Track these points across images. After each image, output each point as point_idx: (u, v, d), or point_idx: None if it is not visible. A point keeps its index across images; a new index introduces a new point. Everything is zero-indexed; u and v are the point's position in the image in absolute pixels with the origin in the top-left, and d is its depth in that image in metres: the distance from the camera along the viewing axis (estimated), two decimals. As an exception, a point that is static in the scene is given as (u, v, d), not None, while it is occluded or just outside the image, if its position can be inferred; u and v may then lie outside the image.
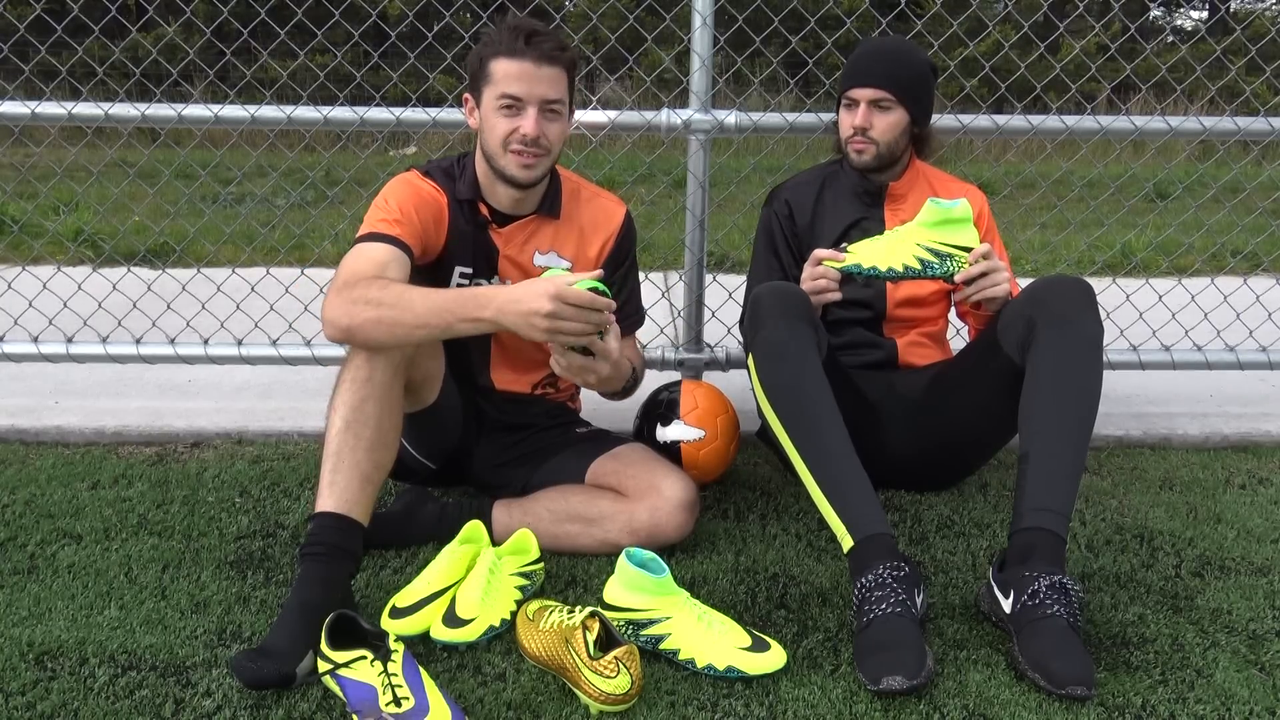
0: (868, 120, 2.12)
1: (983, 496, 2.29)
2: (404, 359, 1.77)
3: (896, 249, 1.93)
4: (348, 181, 3.21)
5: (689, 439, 2.17)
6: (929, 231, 1.95)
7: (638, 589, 1.65)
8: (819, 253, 1.97)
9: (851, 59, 2.17)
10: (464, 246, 2.01)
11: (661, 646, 1.62)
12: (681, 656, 1.60)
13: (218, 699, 1.51)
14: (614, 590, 1.68)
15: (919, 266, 1.93)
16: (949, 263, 1.93)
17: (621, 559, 1.68)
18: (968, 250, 1.94)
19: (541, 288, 1.62)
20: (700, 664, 1.59)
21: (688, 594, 1.69)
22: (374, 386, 1.74)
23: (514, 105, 1.85)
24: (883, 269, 1.92)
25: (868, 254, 1.94)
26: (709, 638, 1.61)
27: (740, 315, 2.29)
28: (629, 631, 1.65)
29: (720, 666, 1.58)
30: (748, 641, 1.62)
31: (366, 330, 1.69)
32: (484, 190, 2.00)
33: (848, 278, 1.97)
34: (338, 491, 1.70)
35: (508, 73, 1.84)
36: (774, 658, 1.60)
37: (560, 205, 2.05)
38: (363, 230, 1.87)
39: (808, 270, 1.98)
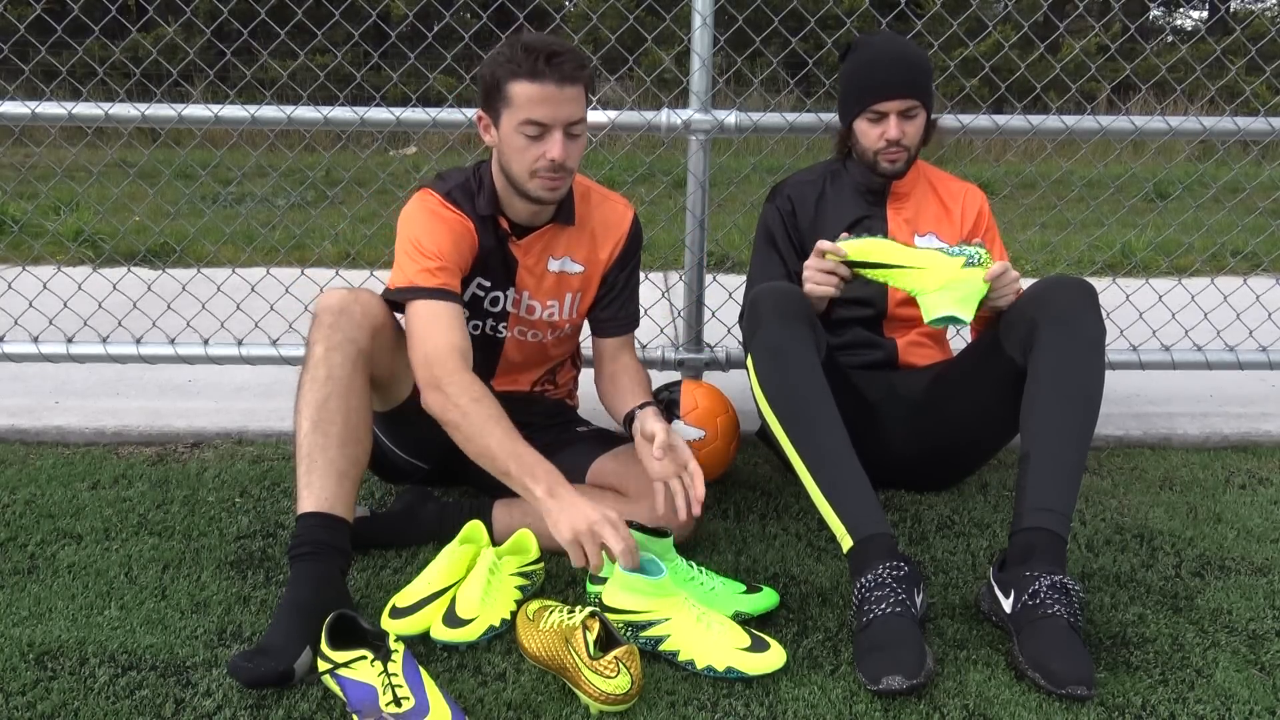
0: (901, 131, 2.10)
1: (983, 496, 2.29)
2: (360, 353, 1.78)
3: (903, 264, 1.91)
4: (348, 181, 3.21)
5: (689, 439, 2.17)
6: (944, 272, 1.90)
7: (636, 591, 1.65)
8: (823, 244, 1.96)
9: (866, 70, 2.12)
10: (488, 263, 2.01)
11: (661, 648, 1.62)
12: (681, 658, 1.60)
13: (218, 699, 1.51)
14: (613, 593, 1.68)
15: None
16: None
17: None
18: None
19: (599, 512, 1.63)
20: (700, 665, 1.59)
21: (686, 594, 1.69)
22: (335, 383, 1.74)
23: (538, 130, 1.82)
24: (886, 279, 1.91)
25: (873, 252, 1.92)
26: (708, 638, 1.61)
27: (740, 312, 2.29)
28: (628, 633, 1.65)
29: (720, 667, 1.58)
30: (747, 641, 1.62)
31: (451, 431, 1.76)
32: (502, 204, 1.98)
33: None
34: (315, 491, 1.70)
35: (530, 97, 1.79)
36: (773, 657, 1.60)
37: (574, 212, 2.05)
38: (407, 280, 1.86)
39: (812, 261, 1.97)
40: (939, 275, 1.88)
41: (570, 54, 1.81)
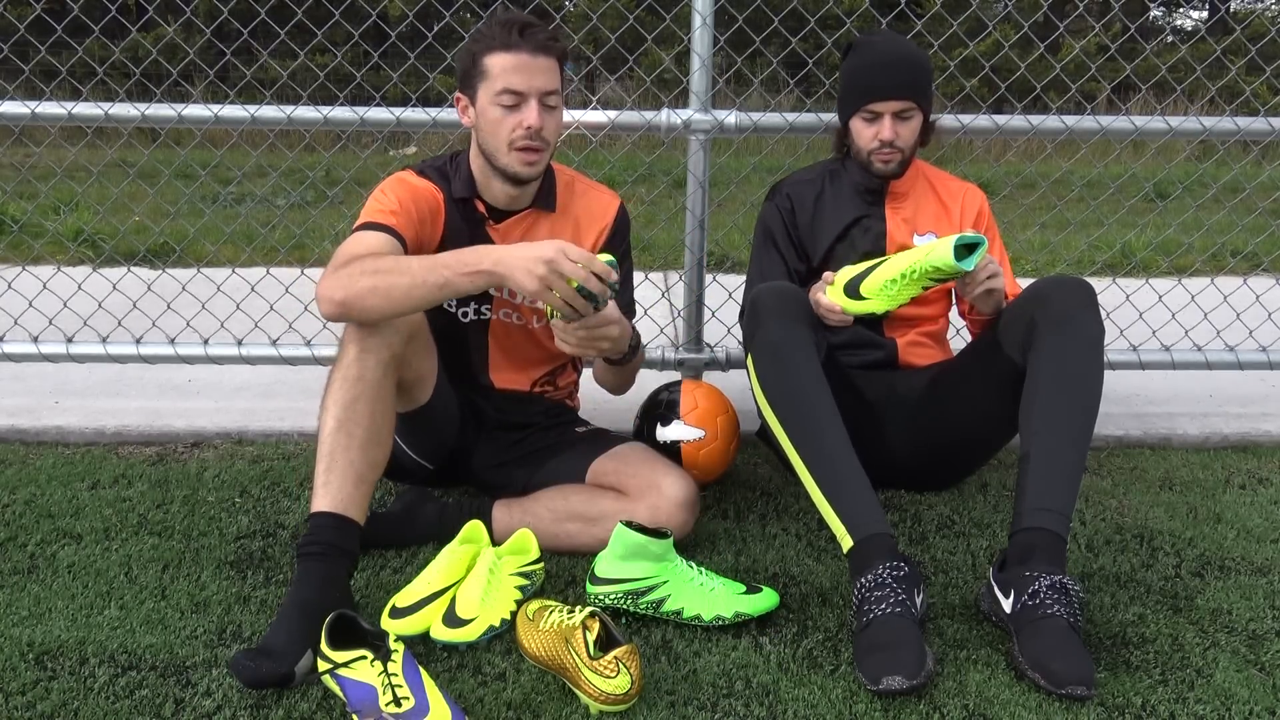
0: (894, 132, 2.11)
1: (983, 496, 2.29)
2: (394, 357, 1.78)
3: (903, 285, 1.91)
4: (348, 181, 3.21)
5: (689, 439, 2.17)
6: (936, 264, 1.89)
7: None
8: (826, 275, 1.97)
9: (863, 70, 2.13)
10: (460, 244, 2.01)
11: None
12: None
13: (218, 699, 1.51)
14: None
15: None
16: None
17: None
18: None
19: (548, 241, 1.63)
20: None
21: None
22: (365, 385, 1.74)
23: (514, 99, 1.86)
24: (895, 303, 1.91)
25: (879, 291, 1.92)
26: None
27: (740, 312, 2.29)
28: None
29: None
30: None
31: (363, 300, 1.69)
32: (479, 187, 2.00)
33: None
34: (332, 491, 1.70)
35: (505, 66, 1.84)
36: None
37: (555, 198, 2.06)
38: (359, 221, 1.90)
39: (821, 299, 1.97)
40: (940, 240, 1.89)
41: (543, 26, 1.86)
